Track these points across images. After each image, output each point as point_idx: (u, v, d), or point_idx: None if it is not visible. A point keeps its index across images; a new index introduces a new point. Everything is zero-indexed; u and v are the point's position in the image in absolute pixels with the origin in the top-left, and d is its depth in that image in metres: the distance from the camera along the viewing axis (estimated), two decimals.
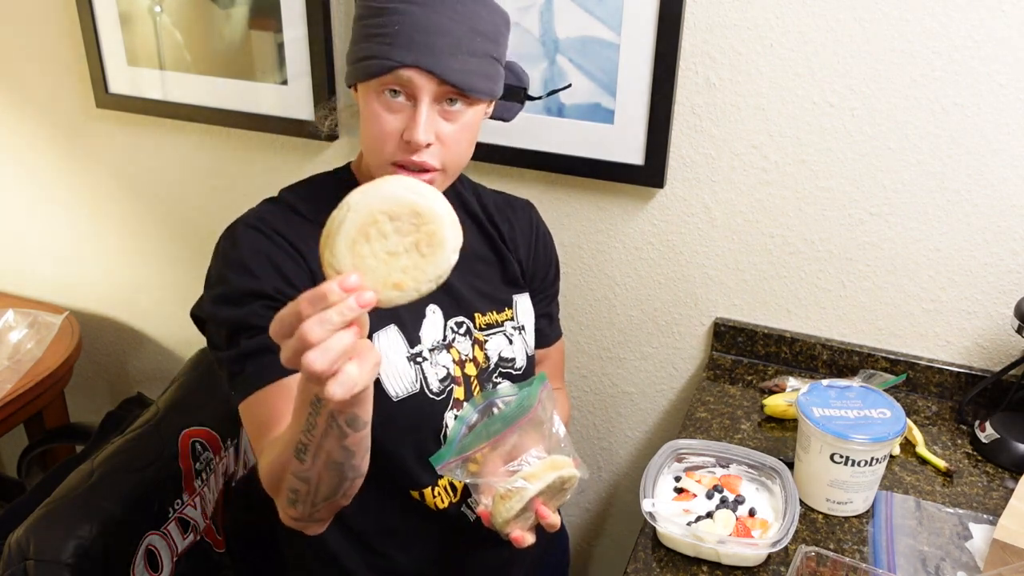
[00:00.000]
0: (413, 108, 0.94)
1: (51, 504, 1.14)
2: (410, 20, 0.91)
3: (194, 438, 1.32)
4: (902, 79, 1.27)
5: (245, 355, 0.95)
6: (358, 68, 0.95)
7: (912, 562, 1.07)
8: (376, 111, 0.95)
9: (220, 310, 0.96)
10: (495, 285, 1.16)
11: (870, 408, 1.14)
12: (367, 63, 0.93)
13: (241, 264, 0.97)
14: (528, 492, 0.92)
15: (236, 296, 0.96)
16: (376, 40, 0.93)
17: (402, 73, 0.92)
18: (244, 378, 0.95)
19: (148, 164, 1.82)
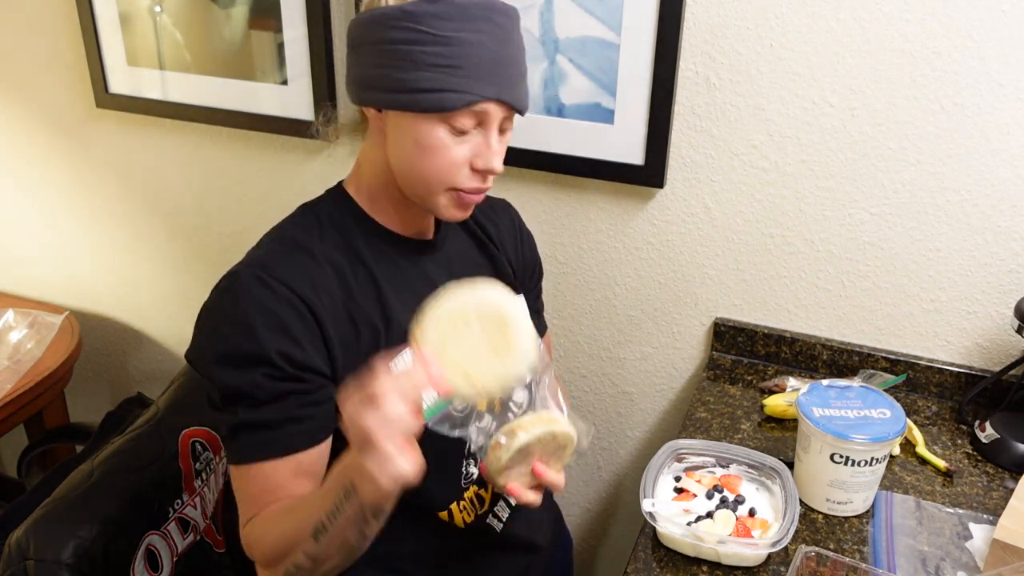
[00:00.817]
0: (480, 136, 0.94)
1: (51, 504, 1.14)
2: (485, 52, 0.90)
3: (194, 438, 1.32)
4: (902, 79, 1.27)
5: (242, 425, 0.92)
6: (422, 99, 0.90)
7: (912, 562, 1.07)
8: (442, 142, 0.92)
9: (218, 370, 0.91)
10: None
11: (870, 408, 1.14)
12: (439, 95, 0.89)
13: (244, 324, 0.90)
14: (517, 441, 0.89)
15: (237, 359, 0.91)
16: (445, 71, 0.89)
17: (482, 106, 0.91)
18: (238, 447, 0.93)
19: (148, 164, 1.82)
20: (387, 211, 1.02)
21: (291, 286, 0.92)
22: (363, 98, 0.95)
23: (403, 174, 0.96)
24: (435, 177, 0.94)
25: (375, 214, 1.02)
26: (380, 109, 0.94)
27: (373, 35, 0.92)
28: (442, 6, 0.89)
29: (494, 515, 1.11)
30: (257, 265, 0.94)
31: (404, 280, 1.01)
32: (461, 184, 0.95)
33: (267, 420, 0.91)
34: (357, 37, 0.94)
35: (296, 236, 0.99)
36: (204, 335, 0.95)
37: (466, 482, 1.08)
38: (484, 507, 1.10)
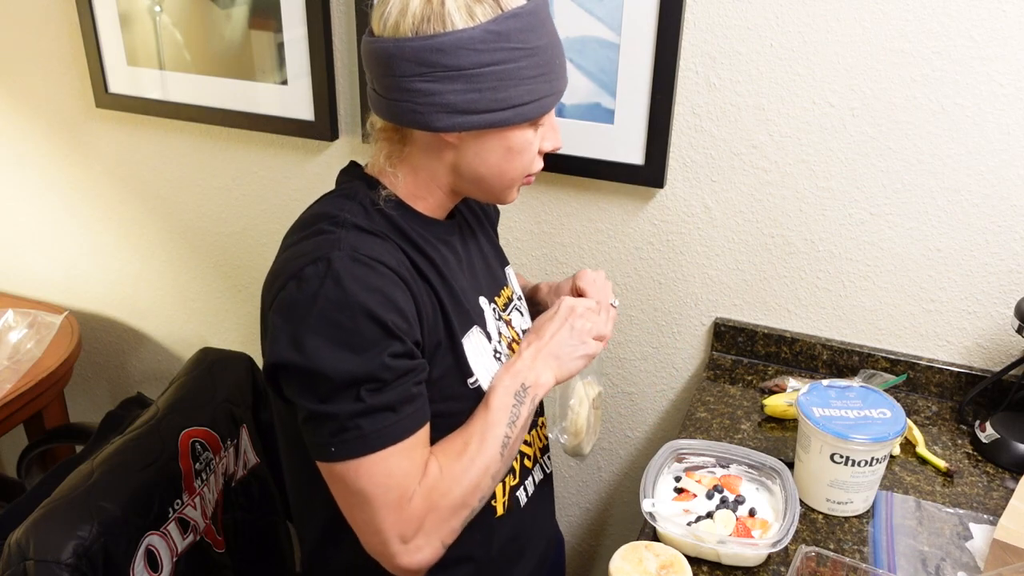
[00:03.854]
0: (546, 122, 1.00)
1: (51, 504, 1.14)
2: (554, 51, 0.94)
3: (194, 438, 1.32)
4: (902, 79, 1.27)
5: (363, 413, 0.88)
6: (525, 111, 0.92)
7: (912, 562, 1.07)
8: (529, 140, 0.97)
9: (332, 360, 0.86)
10: (496, 264, 1.17)
11: (870, 408, 1.14)
12: (539, 104, 0.94)
13: (359, 305, 0.87)
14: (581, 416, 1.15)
15: (358, 343, 0.87)
16: (541, 79, 0.93)
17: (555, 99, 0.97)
18: (360, 436, 0.88)
19: (148, 164, 1.82)
20: (428, 202, 1.02)
21: (386, 263, 0.91)
22: (449, 124, 0.91)
23: (483, 179, 0.98)
24: (520, 173, 0.99)
25: (414, 203, 1.02)
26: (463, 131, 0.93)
27: (455, 61, 0.88)
28: (524, 19, 0.89)
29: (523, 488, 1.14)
30: (345, 247, 0.90)
31: (447, 258, 1.03)
32: (535, 169, 1.01)
33: (392, 403, 0.89)
34: (425, 64, 0.89)
35: (357, 222, 0.95)
36: (304, 327, 0.87)
37: None
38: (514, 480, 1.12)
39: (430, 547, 0.93)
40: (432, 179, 1.00)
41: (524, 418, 0.98)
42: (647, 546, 1.04)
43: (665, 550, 1.03)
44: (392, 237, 0.96)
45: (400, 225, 0.98)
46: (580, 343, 1.03)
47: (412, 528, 0.92)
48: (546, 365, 1.01)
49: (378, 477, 0.89)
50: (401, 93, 0.91)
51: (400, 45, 0.89)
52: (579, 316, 1.04)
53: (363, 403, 0.87)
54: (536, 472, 1.17)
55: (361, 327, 0.86)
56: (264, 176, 1.74)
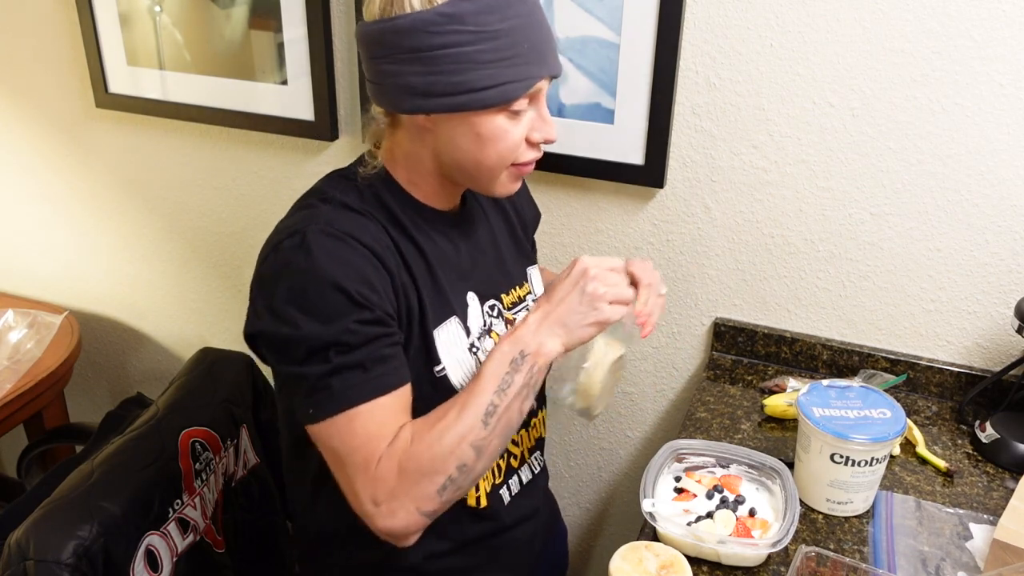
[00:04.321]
0: (533, 110, 0.97)
1: (51, 504, 1.14)
2: (529, 34, 0.92)
3: (194, 438, 1.32)
4: (902, 79, 1.27)
5: (334, 371, 0.90)
6: (484, 96, 0.91)
7: (912, 562, 1.07)
8: (503, 128, 0.95)
9: (302, 326, 0.90)
10: (513, 262, 1.17)
11: (870, 408, 1.14)
12: (502, 89, 0.91)
13: (325, 276, 0.90)
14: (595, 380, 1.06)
15: (323, 311, 0.90)
16: (503, 64, 0.90)
17: (537, 85, 0.94)
18: (332, 395, 0.91)
19: (148, 164, 1.82)
20: (424, 189, 1.03)
21: (359, 239, 0.94)
22: (411, 107, 0.93)
23: (461, 166, 0.98)
24: (499, 162, 0.97)
25: (412, 190, 1.03)
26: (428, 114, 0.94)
27: (413, 42, 0.90)
28: (482, 1, 0.88)
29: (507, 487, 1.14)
30: (321, 222, 0.94)
31: (443, 250, 1.04)
32: (520, 159, 0.99)
33: (361, 361, 0.91)
34: (388, 46, 0.92)
35: (344, 200, 0.98)
36: (275, 297, 0.92)
37: None
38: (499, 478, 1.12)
39: (404, 512, 0.91)
40: (420, 164, 1.01)
41: (518, 386, 0.92)
42: (647, 546, 1.04)
43: (665, 550, 1.03)
44: (378, 217, 0.98)
45: (391, 207, 1.00)
46: (591, 309, 0.94)
47: (382, 491, 0.91)
48: (551, 332, 0.94)
49: (348, 436, 0.91)
50: (375, 75, 0.96)
51: (369, 28, 0.93)
52: (592, 279, 0.94)
53: (331, 363, 0.90)
54: (524, 471, 1.17)
55: (327, 297, 0.90)
56: (264, 176, 1.74)
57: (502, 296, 1.12)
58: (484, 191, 1.02)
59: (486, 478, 1.10)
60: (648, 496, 1.09)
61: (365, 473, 0.91)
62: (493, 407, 0.91)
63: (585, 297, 0.94)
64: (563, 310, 0.94)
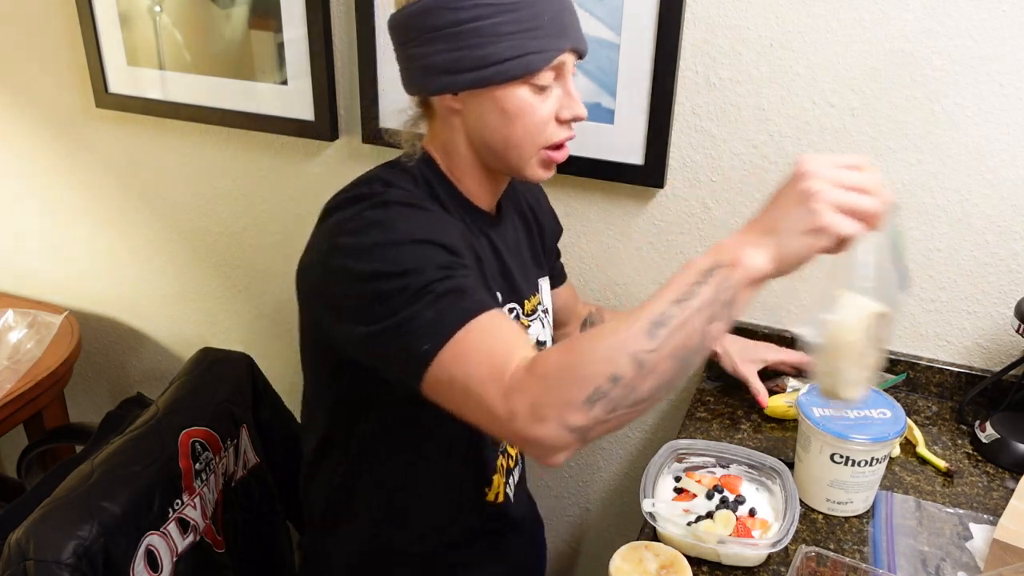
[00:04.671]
0: (559, 87, 0.97)
1: (51, 504, 1.14)
2: (553, 7, 0.93)
3: (194, 438, 1.32)
4: (902, 79, 1.27)
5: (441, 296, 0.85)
6: (507, 68, 0.92)
7: (912, 562, 1.07)
8: (528, 103, 0.95)
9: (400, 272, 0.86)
10: (530, 269, 1.17)
11: (870, 408, 1.14)
12: (524, 60, 0.92)
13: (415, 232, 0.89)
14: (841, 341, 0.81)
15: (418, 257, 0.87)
16: (525, 35, 0.91)
17: (560, 58, 0.94)
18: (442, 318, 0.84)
19: (148, 164, 1.82)
20: (466, 184, 1.04)
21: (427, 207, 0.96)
22: (441, 86, 0.95)
23: (492, 147, 0.98)
24: (527, 139, 0.97)
25: (458, 184, 1.04)
26: (456, 93, 0.95)
27: (436, 21, 0.92)
28: None
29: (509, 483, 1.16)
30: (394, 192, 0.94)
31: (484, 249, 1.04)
32: (551, 138, 0.98)
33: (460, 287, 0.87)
34: (413, 29, 0.94)
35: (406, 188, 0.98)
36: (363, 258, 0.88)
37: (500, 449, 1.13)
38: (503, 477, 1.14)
39: (551, 422, 0.77)
40: (457, 154, 1.01)
41: (703, 299, 0.74)
42: (647, 546, 1.04)
43: (665, 550, 1.03)
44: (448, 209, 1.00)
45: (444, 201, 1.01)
46: (807, 212, 0.73)
47: (520, 399, 0.79)
48: (756, 240, 0.75)
49: (469, 355, 0.83)
50: (404, 62, 0.98)
51: (396, 16, 0.96)
52: (812, 175, 0.74)
53: (434, 293, 0.85)
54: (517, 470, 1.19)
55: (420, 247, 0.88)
56: (264, 176, 1.74)
57: (524, 302, 1.13)
58: (517, 174, 1.02)
59: (499, 471, 1.11)
60: (648, 496, 1.09)
61: (496, 384, 0.81)
62: (665, 317, 0.74)
63: (808, 197, 0.74)
64: (773, 214, 0.76)
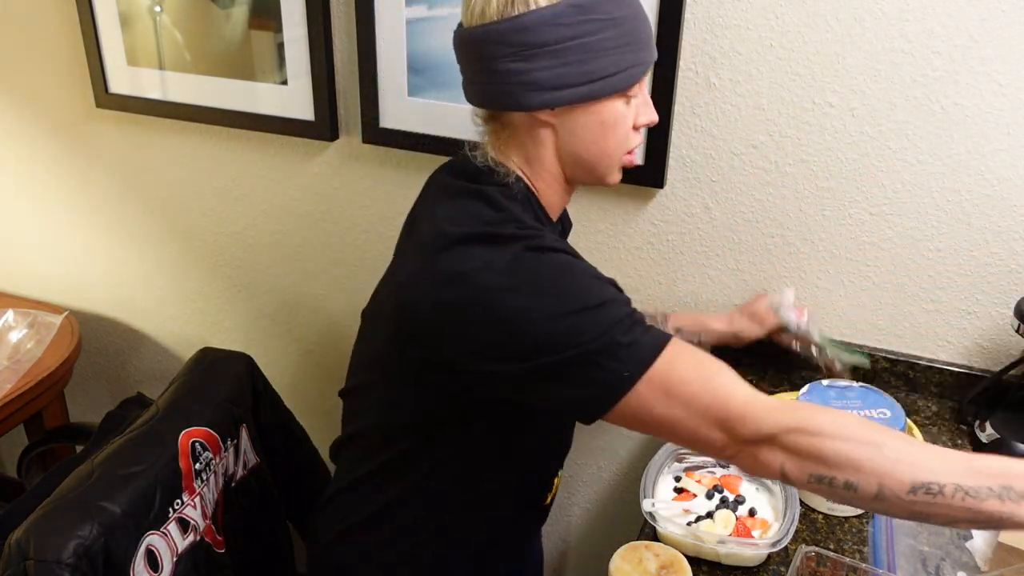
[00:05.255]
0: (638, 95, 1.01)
1: (51, 504, 1.14)
2: (638, 21, 0.97)
3: (194, 438, 1.32)
4: (902, 79, 1.27)
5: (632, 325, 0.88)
6: (613, 82, 0.95)
7: (912, 562, 1.07)
8: (622, 114, 0.99)
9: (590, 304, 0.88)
10: None
11: (870, 408, 1.14)
12: (626, 74, 0.95)
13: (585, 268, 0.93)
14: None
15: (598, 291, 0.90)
16: (625, 49, 0.95)
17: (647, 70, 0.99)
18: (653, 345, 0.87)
19: (148, 164, 1.82)
20: (548, 197, 1.05)
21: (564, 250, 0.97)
22: (541, 102, 0.95)
23: (585, 158, 1.00)
24: (618, 149, 1.00)
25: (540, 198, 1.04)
26: (554, 108, 0.96)
27: (537, 38, 0.92)
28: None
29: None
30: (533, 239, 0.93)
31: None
32: (631, 145, 1.02)
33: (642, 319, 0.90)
34: (510, 44, 0.93)
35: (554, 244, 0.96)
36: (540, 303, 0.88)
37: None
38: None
39: (772, 465, 0.82)
40: (543, 166, 1.02)
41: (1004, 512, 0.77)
42: (647, 546, 1.04)
43: (665, 550, 1.03)
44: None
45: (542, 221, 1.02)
46: None
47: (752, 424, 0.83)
48: None
49: (687, 360, 0.87)
50: (492, 76, 0.96)
51: (487, 30, 0.94)
52: None
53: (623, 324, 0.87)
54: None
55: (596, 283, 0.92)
56: (264, 176, 1.74)
57: None
58: (600, 182, 1.04)
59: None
60: (648, 496, 1.09)
61: (730, 396, 0.85)
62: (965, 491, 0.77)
63: None
64: None
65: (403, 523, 1.11)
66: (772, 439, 0.82)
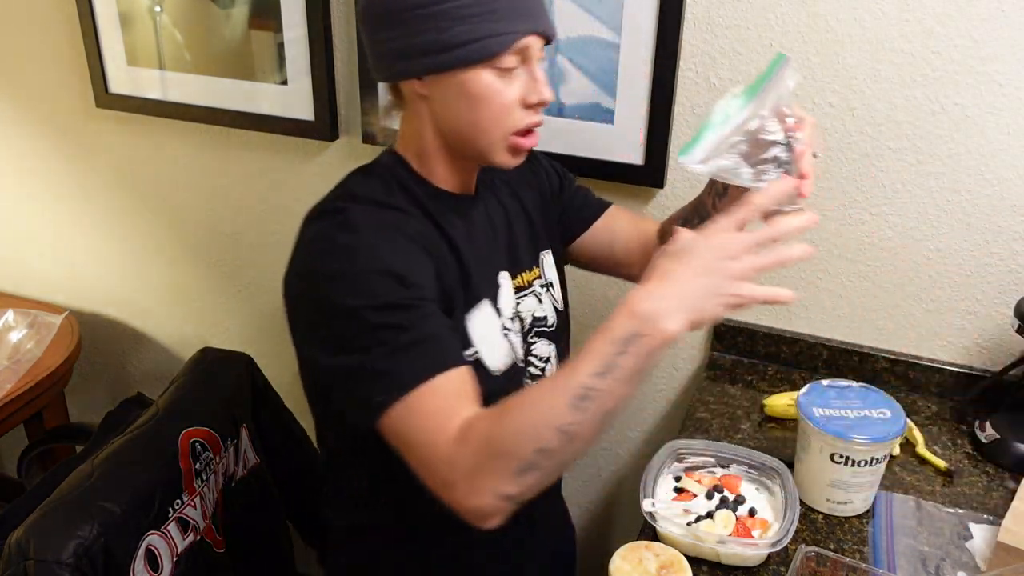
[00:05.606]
0: (525, 72, 0.96)
1: (51, 504, 1.14)
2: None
3: (194, 438, 1.32)
4: (902, 79, 1.27)
5: (396, 351, 0.87)
6: (468, 51, 0.91)
7: (912, 562, 1.07)
8: (493, 87, 0.94)
9: (358, 314, 0.88)
10: (525, 246, 1.16)
11: (870, 408, 1.14)
12: (484, 43, 0.91)
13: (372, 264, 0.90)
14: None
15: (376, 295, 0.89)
16: (483, 18, 0.91)
17: (522, 42, 0.93)
18: (397, 376, 0.87)
19: (148, 164, 1.82)
20: (437, 172, 1.03)
21: (402, 231, 0.95)
22: (403, 71, 0.95)
23: (459, 132, 0.98)
24: (494, 125, 0.96)
25: (426, 174, 1.03)
26: (420, 77, 0.95)
27: (396, 6, 0.93)
28: None
29: None
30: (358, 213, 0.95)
31: (465, 234, 1.03)
32: (518, 124, 0.97)
33: (416, 340, 0.88)
34: (376, 16, 0.95)
35: (374, 196, 0.99)
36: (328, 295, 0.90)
37: None
38: None
39: (486, 494, 0.83)
40: (426, 142, 1.01)
41: (626, 370, 0.79)
42: (647, 546, 1.04)
43: (665, 550, 1.03)
44: (408, 209, 0.99)
45: (415, 194, 1.01)
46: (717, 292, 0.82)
47: (457, 470, 0.84)
48: (671, 308, 0.81)
49: (417, 418, 0.87)
50: (369, 47, 0.99)
51: (361, 5, 0.97)
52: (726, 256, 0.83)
53: (388, 346, 0.87)
54: None
55: (376, 282, 0.89)
56: (264, 176, 1.74)
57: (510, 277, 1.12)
58: (485, 160, 1.00)
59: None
60: (648, 496, 1.09)
61: (436, 451, 0.85)
62: (589, 390, 0.79)
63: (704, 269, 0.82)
64: (682, 284, 0.82)
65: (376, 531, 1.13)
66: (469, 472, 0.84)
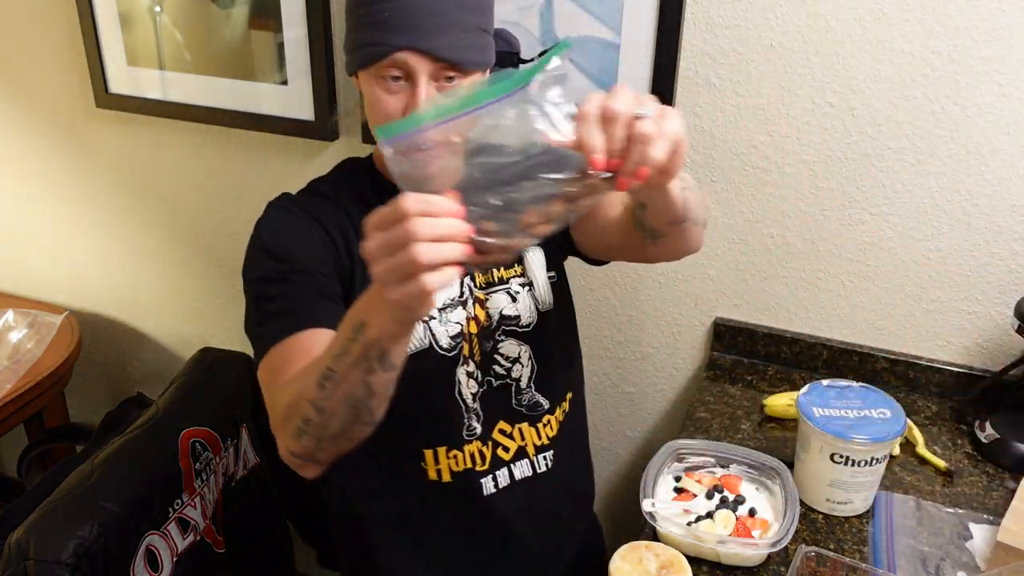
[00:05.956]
0: (412, 89, 0.98)
1: (51, 504, 1.14)
2: (401, 4, 0.95)
3: (194, 438, 1.32)
4: (902, 79, 1.27)
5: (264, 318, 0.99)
6: (357, 56, 0.99)
7: (912, 562, 1.07)
8: (378, 95, 0.99)
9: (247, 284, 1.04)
10: None
11: (870, 408, 1.14)
12: (364, 51, 0.97)
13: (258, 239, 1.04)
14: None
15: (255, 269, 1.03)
16: (371, 28, 0.96)
17: (398, 56, 0.95)
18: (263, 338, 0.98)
19: (148, 164, 1.82)
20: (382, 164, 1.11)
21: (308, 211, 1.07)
22: (346, 66, 1.05)
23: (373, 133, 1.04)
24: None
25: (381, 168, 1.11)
26: (353, 74, 1.04)
27: (347, 6, 1.01)
28: None
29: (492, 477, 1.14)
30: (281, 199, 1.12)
31: None
32: None
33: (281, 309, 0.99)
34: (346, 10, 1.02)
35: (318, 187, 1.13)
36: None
37: (468, 435, 1.12)
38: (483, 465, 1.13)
39: (282, 447, 0.93)
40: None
41: (355, 356, 0.78)
42: (647, 546, 1.04)
43: (665, 550, 1.03)
44: (343, 200, 1.08)
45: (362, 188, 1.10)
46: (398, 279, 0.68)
47: (272, 424, 0.95)
48: (379, 304, 0.74)
49: (265, 375, 0.98)
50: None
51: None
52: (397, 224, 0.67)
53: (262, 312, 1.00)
54: (519, 467, 1.16)
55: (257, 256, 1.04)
56: (264, 176, 1.73)
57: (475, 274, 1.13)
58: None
59: (453, 458, 1.12)
60: (648, 496, 1.09)
61: (269, 405, 0.96)
62: (330, 371, 0.81)
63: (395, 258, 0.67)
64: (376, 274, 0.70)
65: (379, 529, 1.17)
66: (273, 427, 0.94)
